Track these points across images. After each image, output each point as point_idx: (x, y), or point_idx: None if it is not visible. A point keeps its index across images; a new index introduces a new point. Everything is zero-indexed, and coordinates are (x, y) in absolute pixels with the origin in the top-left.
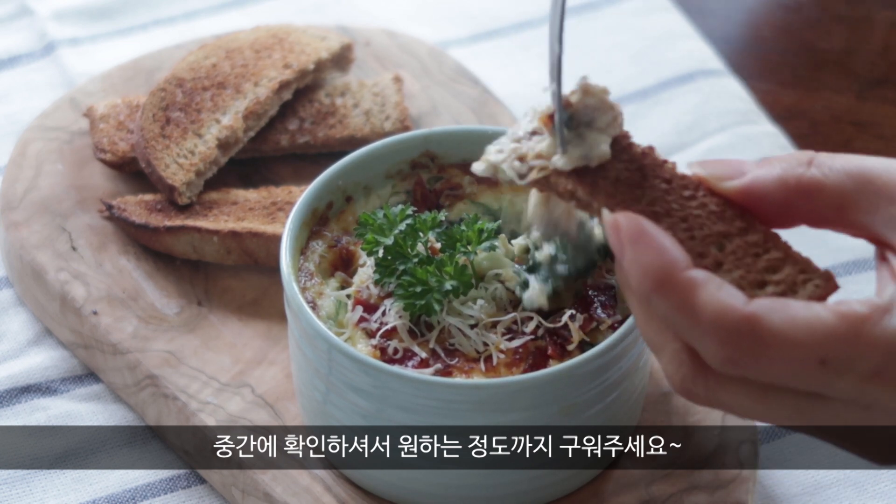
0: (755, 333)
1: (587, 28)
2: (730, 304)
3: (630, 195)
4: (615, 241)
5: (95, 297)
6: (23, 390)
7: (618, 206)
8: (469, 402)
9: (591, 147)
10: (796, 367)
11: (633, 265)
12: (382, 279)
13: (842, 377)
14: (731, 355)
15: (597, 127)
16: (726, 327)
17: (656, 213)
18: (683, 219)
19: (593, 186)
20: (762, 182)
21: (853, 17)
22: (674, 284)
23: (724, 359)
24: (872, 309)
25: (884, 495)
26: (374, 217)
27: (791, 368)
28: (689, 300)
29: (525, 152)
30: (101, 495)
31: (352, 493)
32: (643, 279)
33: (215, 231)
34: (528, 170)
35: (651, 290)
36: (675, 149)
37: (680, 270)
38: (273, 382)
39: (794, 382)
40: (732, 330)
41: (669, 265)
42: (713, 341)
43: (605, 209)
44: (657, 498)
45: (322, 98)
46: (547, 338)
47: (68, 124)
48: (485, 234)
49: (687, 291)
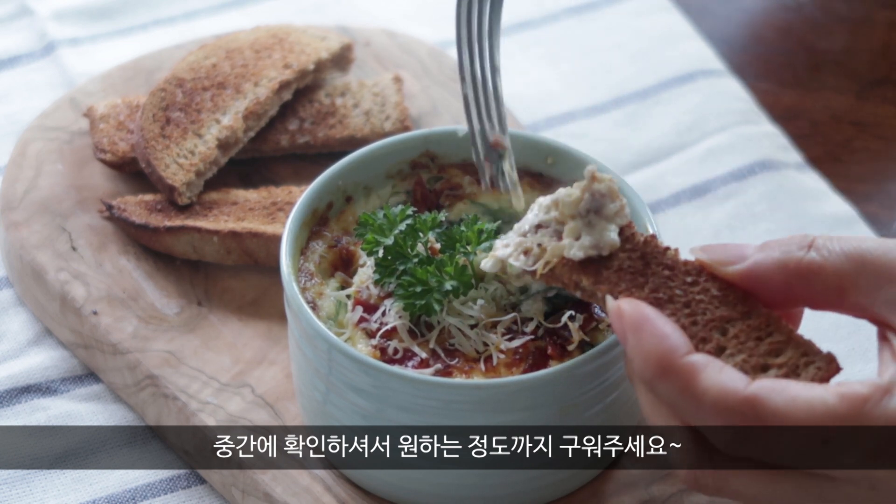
0: (757, 413)
1: (587, 28)
2: (731, 387)
3: (634, 283)
4: (618, 328)
5: (95, 297)
6: (23, 390)
7: (622, 293)
8: (469, 402)
9: (602, 236)
10: (800, 445)
11: (635, 352)
12: (382, 279)
13: (845, 456)
14: (736, 435)
15: (605, 215)
16: (729, 408)
17: (660, 300)
18: (686, 304)
19: (597, 276)
20: (763, 266)
21: (853, 17)
22: (676, 370)
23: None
24: (873, 389)
25: None
26: (374, 217)
27: (795, 447)
28: (692, 384)
29: (530, 246)
30: (101, 495)
31: (352, 493)
32: (646, 365)
33: (215, 231)
34: (535, 262)
35: (654, 376)
36: (674, 149)
37: (680, 356)
38: (273, 382)
39: (800, 462)
40: (735, 411)
41: (670, 351)
42: (717, 423)
43: (609, 297)
44: (657, 498)
45: (322, 98)
46: (547, 338)
47: (68, 124)
48: (484, 234)
49: (689, 376)
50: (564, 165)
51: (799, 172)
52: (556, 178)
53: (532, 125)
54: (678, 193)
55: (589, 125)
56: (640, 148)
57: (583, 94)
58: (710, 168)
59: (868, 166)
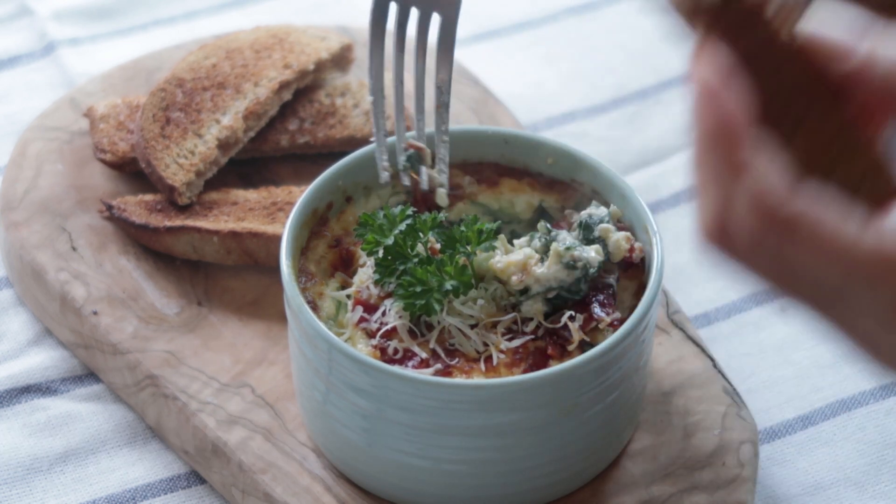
0: (792, 222)
1: (587, 28)
2: (774, 183)
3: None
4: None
5: (95, 297)
6: (23, 390)
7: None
8: (469, 402)
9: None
10: (821, 269)
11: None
12: (382, 279)
13: (864, 295)
14: (761, 231)
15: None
16: (765, 205)
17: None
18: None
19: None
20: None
21: None
22: (732, 140)
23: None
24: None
25: (884, 495)
26: (374, 217)
27: (815, 267)
28: (738, 158)
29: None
30: (101, 495)
31: (352, 493)
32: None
33: (215, 231)
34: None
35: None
36: (674, 149)
37: (745, 126)
38: (273, 382)
39: (818, 275)
40: (770, 207)
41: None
42: (748, 208)
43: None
44: (657, 498)
45: (322, 98)
46: (547, 338)
47: (68, 124)
48: (484, 234)
49: (739, 149)
50: (564, 165)
51: None
52: (556, 178)
53: (532, 125)
54: (678, 193)
55: (589, 125)
56: (640, 148)
57: (583, 94)
58: None
59: None
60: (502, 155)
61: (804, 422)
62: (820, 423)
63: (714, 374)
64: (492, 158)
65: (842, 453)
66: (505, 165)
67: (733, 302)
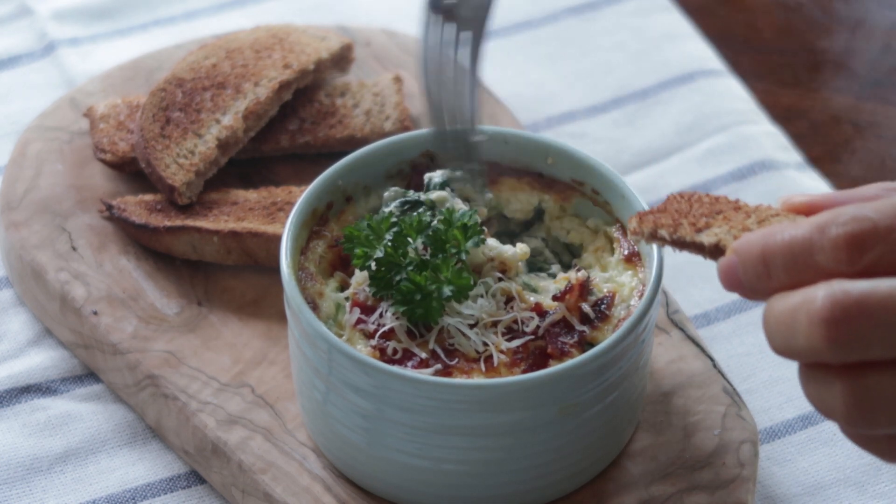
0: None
1: (587, 28)
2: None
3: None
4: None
5: (95, 297)
6: (23, 390)
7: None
8: (469, 402)
9: None
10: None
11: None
12: (379, 292)
13: None
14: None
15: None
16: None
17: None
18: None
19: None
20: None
21: (853, 17)
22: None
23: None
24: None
25: (884, 495)
26: (358, 229)
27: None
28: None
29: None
30: (101, 495)
31: (352, 493)
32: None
33: (215, 231)
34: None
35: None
36: (674, 149)
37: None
38: (273, 382)
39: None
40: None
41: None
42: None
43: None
44: (657, 498)
45: (322, 98)
46: (547, 338)
47: (68, 124)
48: (470, 230)
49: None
50: (564, 165)
51: (799, 172)
52: (556, 178)
53: (532, 125)
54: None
55: (589, 125)
56: (640, 148)
57: (583, 94)
58: (711, 168)
59: (868, 166)
60: (502, 154)
61: (804, 422)
62: (820, 423)
63: (714, 374)
64: (491, 158)
65: (842, 453)
66: (505, 165)
67: (733, 302)
